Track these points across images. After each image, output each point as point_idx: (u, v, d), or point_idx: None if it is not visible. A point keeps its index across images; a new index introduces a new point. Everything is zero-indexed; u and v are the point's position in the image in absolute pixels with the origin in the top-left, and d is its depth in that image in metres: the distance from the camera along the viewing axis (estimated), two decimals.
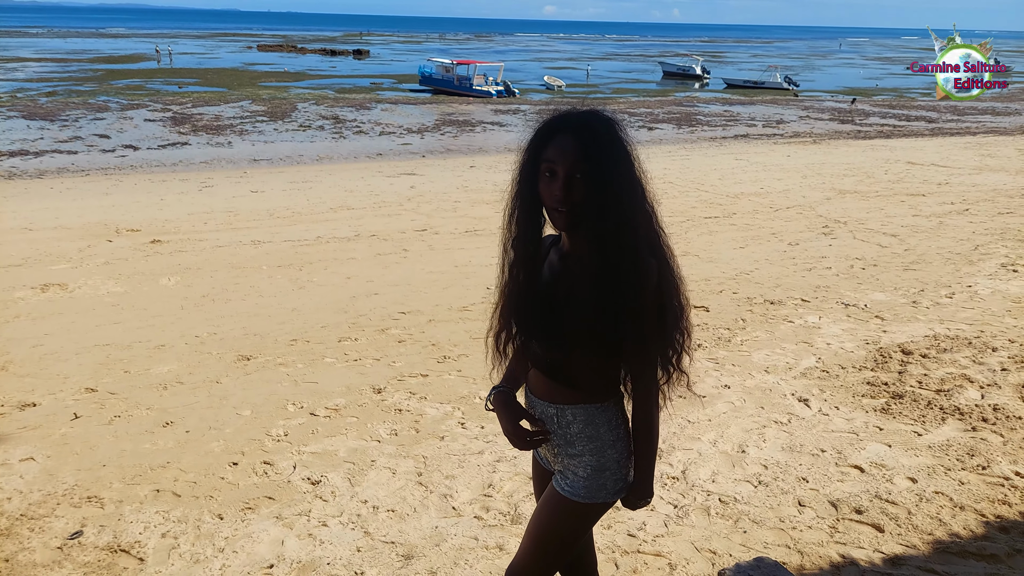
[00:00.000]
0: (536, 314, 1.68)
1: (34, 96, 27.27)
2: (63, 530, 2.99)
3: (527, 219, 1.65)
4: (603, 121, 1.59)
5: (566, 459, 1.75)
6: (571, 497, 1.72)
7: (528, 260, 1.68)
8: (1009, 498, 3.15)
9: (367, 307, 6.02)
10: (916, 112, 29.36)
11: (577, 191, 1.54)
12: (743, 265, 7.25)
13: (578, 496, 1.71)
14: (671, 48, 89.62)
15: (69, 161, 16.39)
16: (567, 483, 1.73)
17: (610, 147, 1.56)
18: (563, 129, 1.57)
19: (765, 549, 2.83)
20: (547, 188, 1.57)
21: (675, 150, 18.45)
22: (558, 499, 1.74)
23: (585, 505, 1.72)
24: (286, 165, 16.66)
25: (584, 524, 1.79)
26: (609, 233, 1.55)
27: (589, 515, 1.76)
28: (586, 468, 1.71)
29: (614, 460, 1.72)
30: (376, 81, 39.88)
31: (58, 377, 4.57)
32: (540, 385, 1.76)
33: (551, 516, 1.76)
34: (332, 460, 3.54)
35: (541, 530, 1.77)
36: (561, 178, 1.54)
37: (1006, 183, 11.83)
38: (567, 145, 1.55)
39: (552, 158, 1.56)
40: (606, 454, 1.71)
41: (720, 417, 3.96)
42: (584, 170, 1.53)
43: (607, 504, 1.75)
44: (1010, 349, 4.81)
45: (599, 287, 1.57)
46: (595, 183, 1.54)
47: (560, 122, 1.59)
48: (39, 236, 8.50)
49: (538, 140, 1.60)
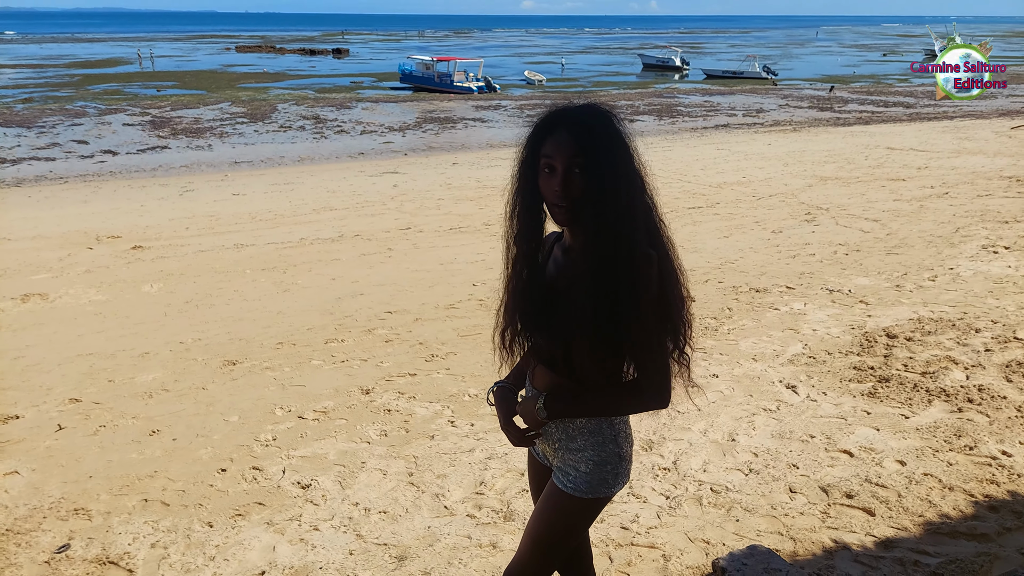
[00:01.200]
0: (538, 308, 1.69)
1: (9, 103, 26.88)
2: (50, 544, 2.95)
3: (528, 215, 1.66)
4: (599, 114, 1.59)
5: (566, 454, 1.74)
6: (573, 493, 1.71)
7: (530, 256, 1.69)
8: (997, 477, 3.18)
9: (353, 308, 5.98)
10: (894, 98, 29.61)
11: (575, 185, 1.54)
12: (727, 254, 7.28)
13: (580, 492, 1.71)
14: (650, 40, 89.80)
15: (47, 169, 16.18)
16: (568, 479, 1.72)
17: (607, 139, 1.56)
18: (560, 124, 1.58)
19: (758, 537, 2.84)
20: (547, 183, 1.57)
21: (657, 141, 18.49)
22: (559, 495, 1.73)
23: (587, 500, 1.71)
24: (267, 167, 16.54)
25: (585, 519, 1.78)
26: (607, 225, 1.55)
27: (591, 510, 1.75)
28: (588, 463, 1.71)
29: (615, 454, 1.71)
30: (356, 80, 39.65)
31: (41, 388, 4.51)
32: (543, 379, 1.76)
33: (553, 513, 1.75)
34: (322, 463, 3.51)
35: (542, 527, 1.76)
36: (560, 173, 1.55)
37: (984, 165, 11.96)
38: (564, 139, 1.55)
39: (550, 153, 1.56)
40: (607, 448, 1.71)
41: (709, 406, 3.97)
42: (581, 163, 1.54)
43: (608, 498, 1.74)
44: (993, 329, 4.86)
45: (597, 279, 1.56)
46: (593, 176, 1.54)
47: (557, 117, 1.59)
48: (18, 246, 8.38)
49: (536, 136, 1.61)
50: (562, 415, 1.70)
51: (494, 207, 10.26)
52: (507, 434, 1.78)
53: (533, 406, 1.71)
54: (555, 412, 1.69)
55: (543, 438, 1.80)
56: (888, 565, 2.65)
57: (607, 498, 1.74)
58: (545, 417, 1.69)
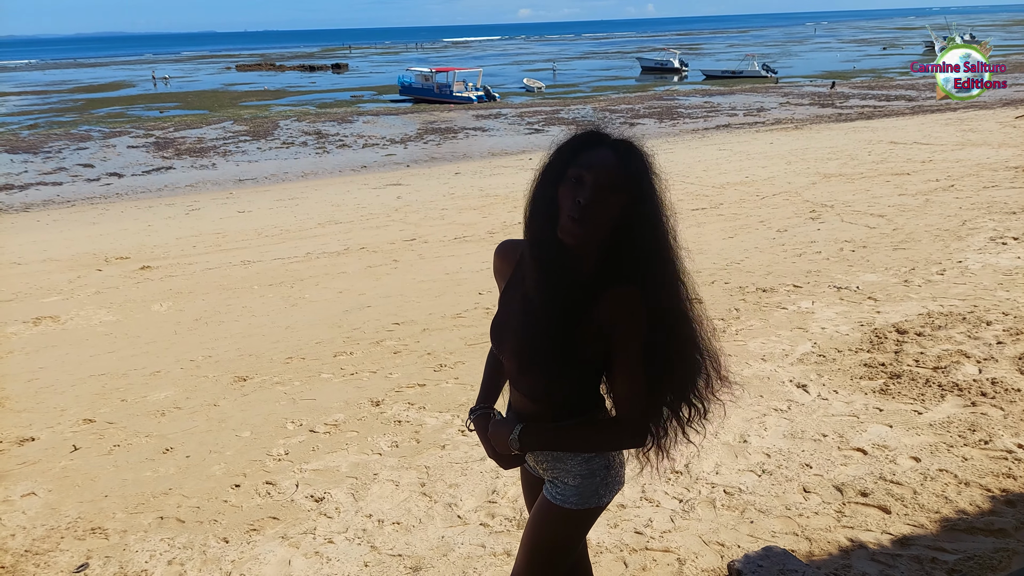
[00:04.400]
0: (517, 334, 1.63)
1: (16, 130, 27.13)
2: (68, 564, 2.97)
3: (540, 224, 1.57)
4: (644, 149, 1.55)
5: (555, 468, 1.72)
6: (563, 505, 1.69)
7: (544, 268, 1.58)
8: (1014, 471, 3.16)
9: (361, 320, 6.00)
10: (895, 91, 29.55)
11: (606, 208, 1.48)
12: (733, 255, 7.27)
13: (570, 504, 1.68)
14: (648, 43, 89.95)
15: (54, 193, 16.32)
16: (558, 491, 1.70)
17: (653, 175, 1.52)
18: (604, 143, 1.52)
19: (773, 538, 2.83)
20: (568, 193, 1.49)
21: (658, 144, 18.49)
22: (549, 508, 1.71)
23: (578, 512, 1.69)
24: (272, 183, 16.63)
25: (578, 531, 1.75)
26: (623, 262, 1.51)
27: (582, 521, 1.73)
28: (575, 476, 1.68)
29: (602, 465, 1.69)
30: (356, 94, 39.88)
31: (55, 410, 4.54)
32: (520, 403, 1.72)
33: (544, 525, 1.73)
34: (334, 476, 3.52)
35: (535, 540, 1.74)
36: (588, 186, 1.47)
37: (989, 157, 11.91)
38: (605, 158, 1.49)
39: (584, 164, 1.49)
40: (594, 460, 1.68)
41: (720, 408, 3.95)
42: (620, 187, 1.48)
43: (600, 508, 1.72)
44: (1004, 322, 4.83)
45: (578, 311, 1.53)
46: (630, 205, 1.50)
47: (600, 137, 1.54)
48: (28, 270, 8.45)
49: (571, 147, 1.54)
50: (536, 448, 1.69)
51: (498, 216, 10.29)
52: (494, 459, 1.78)
53: (507, 435, 1.68)
54: (529, 446, 1.68)
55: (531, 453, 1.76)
56: (905, 563, 2.63)
57: (600, 508, 1.72)
58: (518, 448, 1.68)
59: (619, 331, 1.52)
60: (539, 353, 1.57)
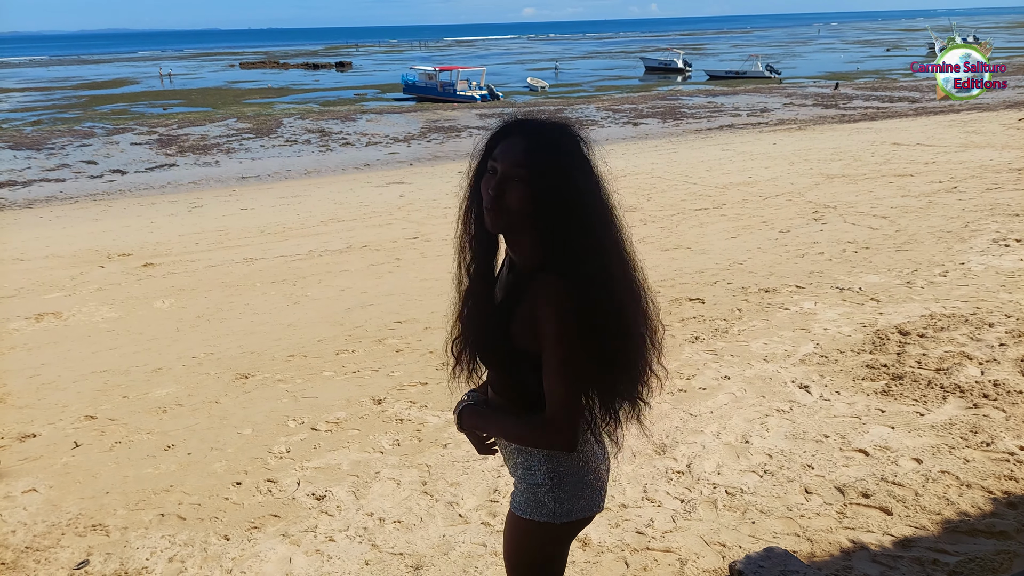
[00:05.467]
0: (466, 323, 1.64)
1: (19, 126, 27.18)
2: (69, 560, 2.97)
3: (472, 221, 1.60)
4: (562, 132, 1.50)
5: (512, 468, 1.70)
6: (513, 510, 1.66)
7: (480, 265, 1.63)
8: (1015, 473, 3.15)
9: (363, 318, 6.00)
10: (899, 93, 29.50)
11: (512, 195, 1.46)
12: (736, 255, 7.26)
13: (519, 510, 1.64)
14: (651, 43, 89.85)
15: (57, 189, 16.34)
16: (512, 495, 1.69)
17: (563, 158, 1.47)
18: (516, 132, 1.51)
19: (775, 539, 2.82)
20: (485, 185, 1.51)
21: (661, 144, 18.51)
22: (509, 512, 1.69)
23: (525, 521, 1.62)
24: (275, 181, 16.64)
25: (532, 543, 1.65)
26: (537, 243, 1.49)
27: (531, 534, 1.63)
28: (521, 480, 1.65)
29: (547, 476, 1.60)
30: (360, 92, 39.87)
31: (57, 406, 4.54)
32: (491, 393, 1.71)
33: (506, 531, 1.72)
34: (336, 474, 3.53)
35: (504, 546, 1.73)
36: (497, 176, 1.48)
37: (993, 159, 11.88)
38: (514, 146, 1.48)
39: (497, 156, 1.50)
40: (539, 469, 1.60)
41: (722, 408, 3.95)
42: (523, 174, 1.45)
43: (552, 525, 1.60)
44: (1007, 324, 4.82)
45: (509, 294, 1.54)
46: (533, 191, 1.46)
47: (516, 126, 1.53)
48: (31, 266, 8.46)
49: (490, 140, 1.55)
50: (471, 429, 1.71)
51: None
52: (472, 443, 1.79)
53: (454, 411, 1.73)
54: (465, 424, 1.70)
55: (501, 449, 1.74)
56: (906, 564, 2.63)
57: (552, 524, 1.60)
58: (458, 425, 1.71)
59: (539, 323, 1.47)
60: (478, 344, 1.60)
